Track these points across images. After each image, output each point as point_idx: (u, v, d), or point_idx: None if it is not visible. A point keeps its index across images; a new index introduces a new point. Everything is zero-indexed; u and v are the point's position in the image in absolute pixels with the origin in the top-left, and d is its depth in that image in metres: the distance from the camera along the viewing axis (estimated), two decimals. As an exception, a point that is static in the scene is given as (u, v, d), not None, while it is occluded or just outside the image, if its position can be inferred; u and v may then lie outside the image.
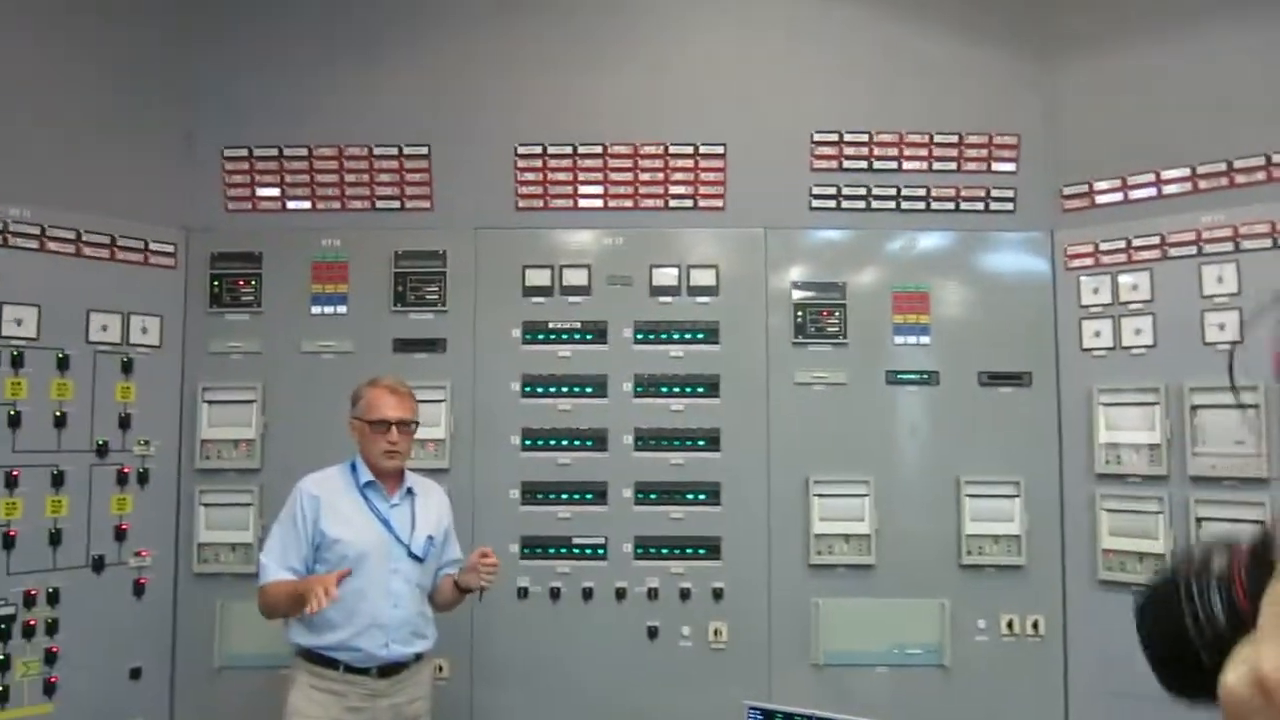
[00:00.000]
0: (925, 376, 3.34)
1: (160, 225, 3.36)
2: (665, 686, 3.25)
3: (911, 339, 3.35)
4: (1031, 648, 3.24)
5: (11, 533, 2.97)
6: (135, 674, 3.21)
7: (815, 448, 3.32)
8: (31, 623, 3.00)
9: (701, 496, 3.33)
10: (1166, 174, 3.11)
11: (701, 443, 3.34)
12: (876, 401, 3.35)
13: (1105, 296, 3.21)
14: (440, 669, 3.28)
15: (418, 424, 2.87)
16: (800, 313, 3.37)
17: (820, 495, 3.29)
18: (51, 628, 3.04)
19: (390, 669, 2.68)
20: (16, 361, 3.02)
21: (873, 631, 3.25)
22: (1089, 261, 3.24)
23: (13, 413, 2.99)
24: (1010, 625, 3.24)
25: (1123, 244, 3.17)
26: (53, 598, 3.05)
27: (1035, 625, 3.24)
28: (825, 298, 3.37)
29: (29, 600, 3.00)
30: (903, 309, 3.36)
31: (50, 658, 3.03)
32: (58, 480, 3.08)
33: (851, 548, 3.28)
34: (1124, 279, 3.17)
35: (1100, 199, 3.24)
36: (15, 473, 2.99)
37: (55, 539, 3.07)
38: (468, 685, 3.29)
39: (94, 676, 3.11)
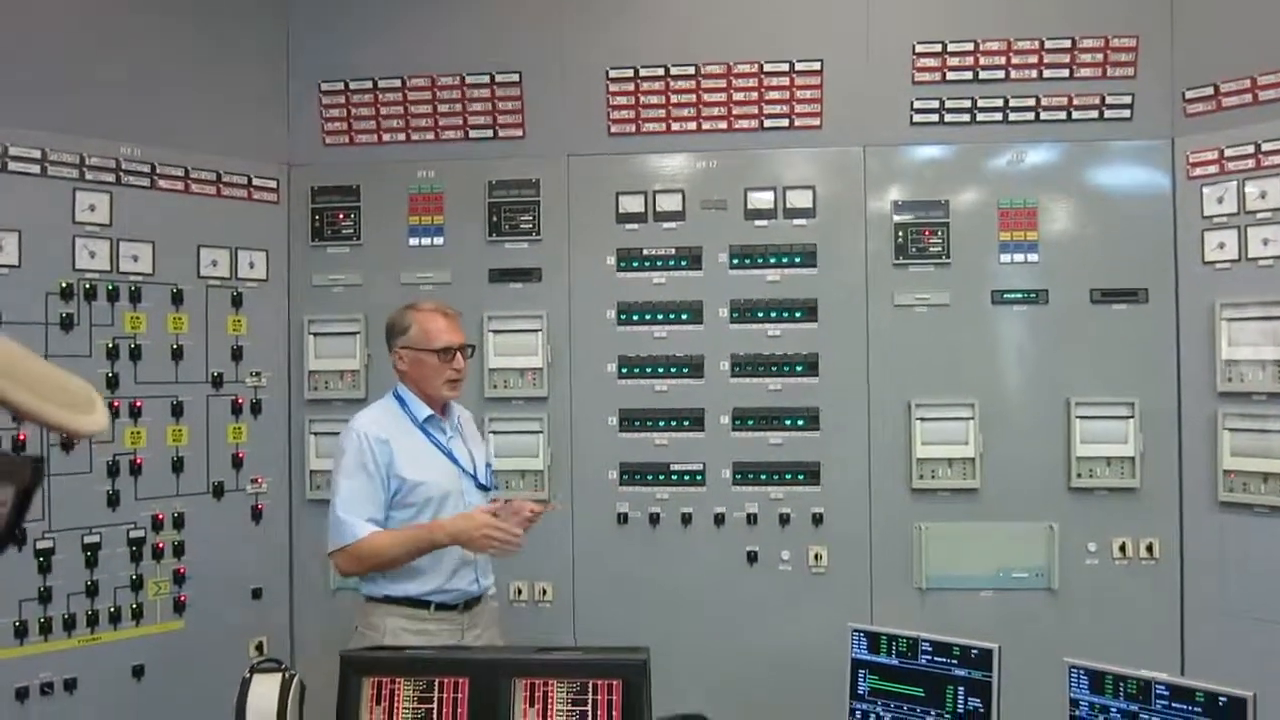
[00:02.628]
0: (1033, 295, 3.23)
1: (262, 161, 3.43)
2: (765, 610, 3.27)
3: (1019, 257, 3.24)
4: (1145, 571, 3.16)
5: (138, 460, 3.12)
6: (257, 594, 3.37)
7: (917, 371, 3.25)
8: (160, 545, 3.15)
9: (800, 422, 3.30)
10: (1301, 71, 2.91)
11: (800, 368, 3.31)
12: (981, 322, 3.26)
13: (1230, 206, 3.03)
14: (544, 592, 3.36)
15: (474, 348, 2.82)
16: (901, 233, 3.28)
17: (923, 419, 3.23)
18: (178, 550, 3.20)
19: (474, 601, 2.68)
20: (135, 296, 3.13)
21: (977, 555, 3.21)
22: (1213, 169, 3.06)
23: (133, 346, 3.12)
24: (1123, 548, 3.16)
25: (1250, 149, 2.98)
26: (178, 522, 3.20)
27: (1150, 548, 3.15)
28: (927, 217, 3.27)
29: (156, 524, 3.15)
30: (1009, 226, 3.24)
31: (178, 578, 3.19)
32: (177, 410, 3.21)
33: (955, 472, 3.23)
34: (1251, 186, 2.99)
35: (1226, 101, 3.04)
36: (138, 403, 3.12)
37: (178, 466, 3.21)
38: (570, 609, 3.36)
39: (219, 596, 3.27)
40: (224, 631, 3.25)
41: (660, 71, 3.36)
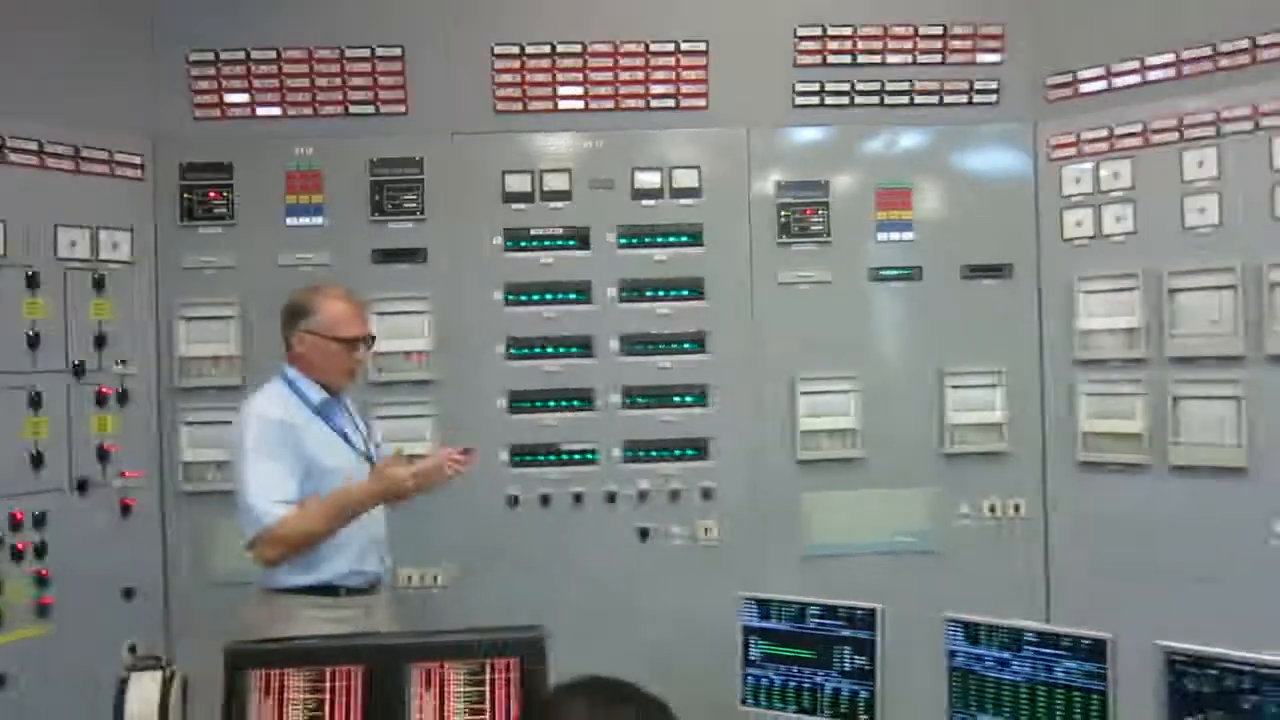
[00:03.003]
0: (908, 272, 3.38)
1: (126, 135, 3.23)
2: (659, 584, 3.31)
3: (895, 235, 3.37)
4: (1013, 528, 3.35)
5: (-9, 455, 2.92)
6: (128, 594, 3.19)
7: (801, 346, 3.35)
8: (19, 546, 2.96)
9: (689, 399, 3.35)
10: (1151, 60, 3.11)
11: (688, 345, 3.36)
12: (860, 299, 3.38)
13: (1087, 186, 3.24)
14: (435, 579, 3.31)
15: (374, 339, 2.77)
16: (784, 213, 3.36)
17: (806, 393, 3.33)
18: (40, 551, 3.00)
19: (377, 581, 2.65)
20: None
21: (861, 522, 3.34)
22: (1071, 152, 3.26)
23: (-17, 333, 2.90)
24: (993, 509, 3.35)
25: (1105, 133, 3.19)
26: (39, 520, 3.00)
27: (1017, 508, 3.35)
28: (808, 196, 3.37)
29: (14, 524, 2.95)
30: (885, 206, 3.37)
31: (41, 581, 3.00)
32: (35, 401, 3.01)
33: (838, 442, 3.35)
34: (1105, 168, 3.20)
35: (1084, 88, 3.25)
36: (-10, 394, 2.91)
37: (37, 461, 3.01)
38: (462, 594, 3.32)
39: (87, 598, 3.08)
40: (95, 634, 3.06)
41: (547, 49, 3.33)
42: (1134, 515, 3.12)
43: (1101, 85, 3.22)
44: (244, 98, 3.31)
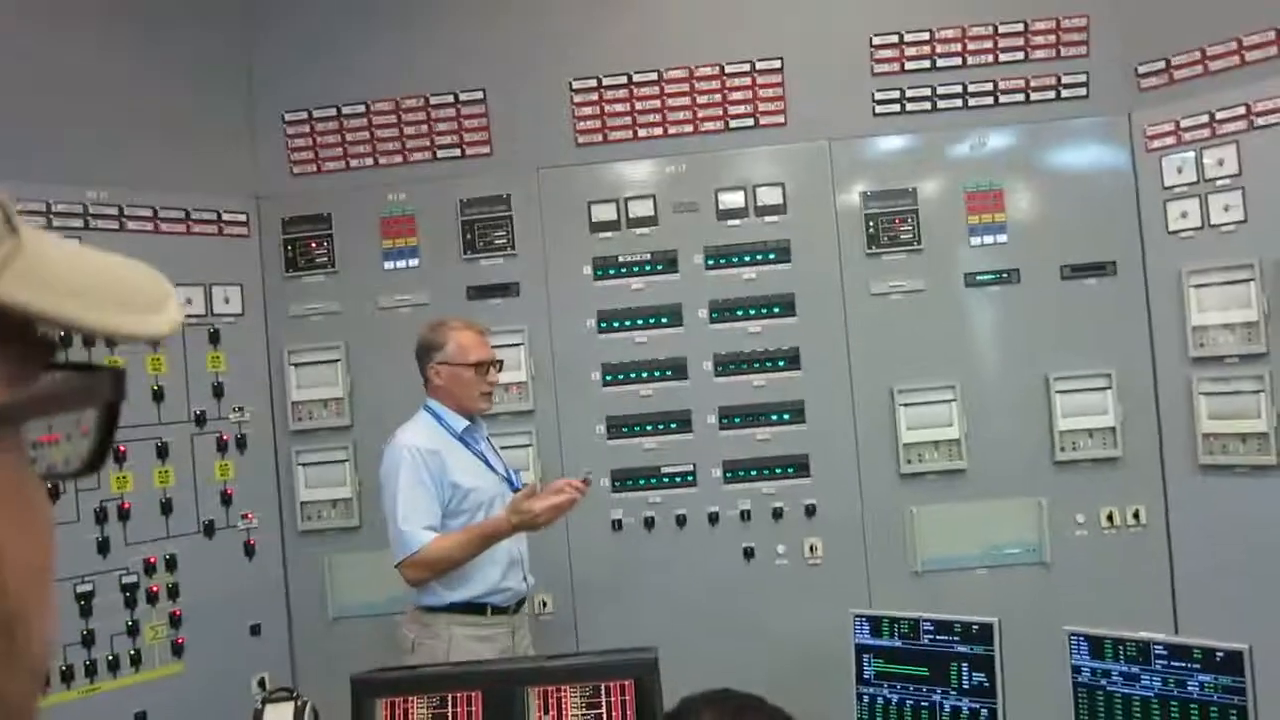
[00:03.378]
0: (1004, 275, 3.29)
1: (231, 196, 3.41)
2: (766, 604, 3.29)
3: (988, 239, 3.29)
4: (1134, 538, 3.21)
5: (125, 505, 3.08)
6: (255, 630, 3.34)
7: (897, 357, 3.29)
8: (154, 589, 3.12)
9: (786, 416, 3.33)
10: (1249, 39, 2.98)
11: (782, 363, 3.34)
12: (956, 306, 3.31)
13: (1190, 175, 3.10)
14: (545, 604, 3.36)
15: (503, 363, 2.93)
16: (871, 223, 3.32)
17: (906, 404, 3.27)
18: (172, 592, 3.16)
19: (521, 602, 2.82)
20: (109, 341, 3.10)
21: (969, 535, 3.25)
22: (1170, 140, 3.13)
23: (114, 390, 3.08)
24: (1110, 517, 3.21)
25: (1205, 118, 3.06)
26: (170, 564, 3.16)
27: (1136, 515, 3.21)
28: (896, 205, 3.32)
29: (149, 568, 3.12)
30: (976, 209, 3.30)
31: (175, 621, 3.16)
32: (162, 452, 3.18)
33: (942, 453, 3.27)
34: (1209, 155, 3.06)
35: (1179, 74, 3.12)
36: (122, 449, 3.08)
37: (166, 508, 3.18)
38: (571, 619, 3.36)
39: (217, 636, 3.23)
40: (225, 671, 3.21)
41: (623, 80, 3.38)
42: (1263, 519, 2.95)
43: (1197, 69, 3.08)
44: (338, 151, 3.46)
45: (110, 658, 3.00)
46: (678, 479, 3.36)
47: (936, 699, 2.40)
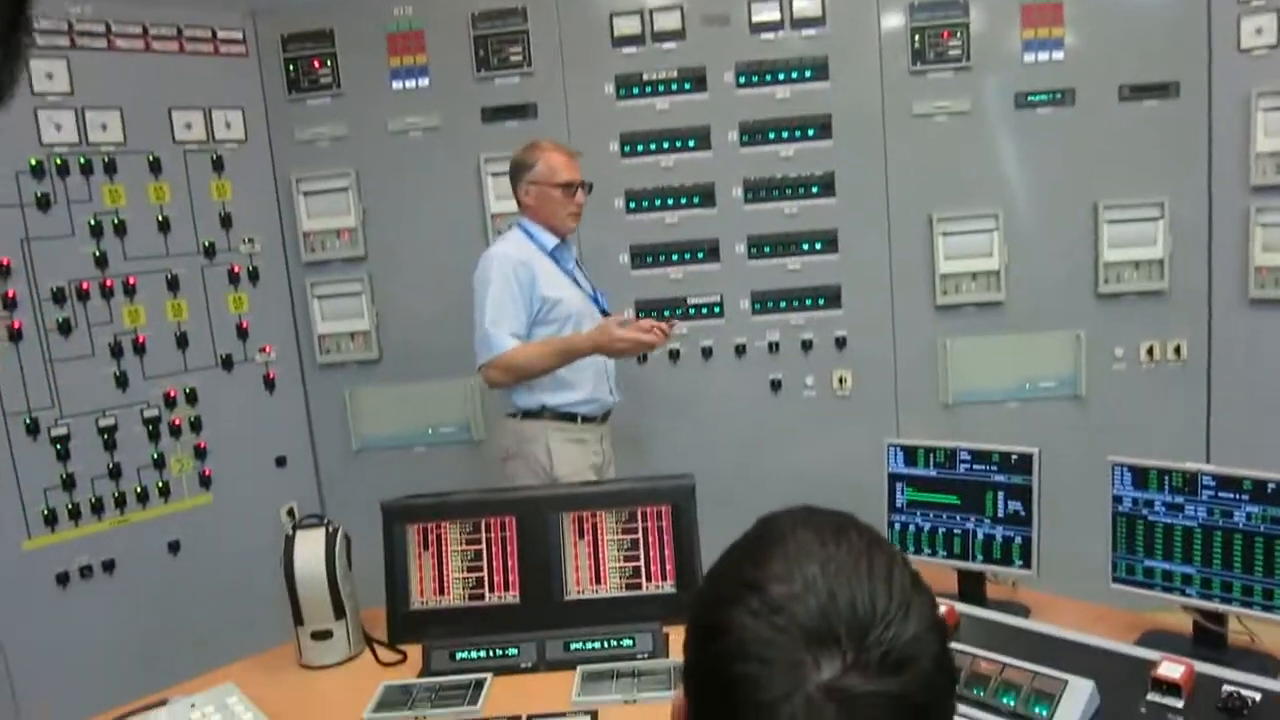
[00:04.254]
0: (1059, 96, 3.06)
1: (225, 11, 3.16)
2: (793, 436, 3.26)
3: (1043, 55, 3.05)
4: (1173, 373, 3.13)
5: (140, 339, 3.02)
6: (280, 462, 3.34)
7: (937, 184, 3.12)
8: (176, 422, 3.09)
9: (818, 245, 3.20)
10: None
11: (816, 189, 3.17)
12: (1004, 128, 3.11)
13: (1270, -16, 2.84)
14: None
15: (592, 185, 2.84)
16: (917, 37, 3.07)
17: (945, 233, 3.13)
18: (195, 425, 3.14)
19: (608, 414, 2.87)
20: (110, 168, 2.95)
21: (1003, 368, 3.17)
22: (1251, -56, 2.84)
23: (117, 221, 2.96)
24: (1150, 351, 3.12)
25: (1293, -83, 2.76)
26: (190, 397, 3.13)
27: (1177, 350, 3.11)
28: (945, 17, 3.06)
29: (169, 401, 3.08)
30: (1033, 22, 3.04)
31: (200, 453, 3.15)
32: (173, 284, 3.08)
33: (979, 285, 3.15)
34: (1294, -42, 2.79)
35: None
36: (131, 280, 2.99)
37: (182, 342, 3.11)
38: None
39: (243, 467, 3.24)
40: (253, 501, 3.23)
41: (649, -127, 3.06)
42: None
43: None
44: (339, -44, 3.18)
45: (139, 489, 3.00)
46: (704, 310, 3.26)
47: (970, 526, 2.38)
